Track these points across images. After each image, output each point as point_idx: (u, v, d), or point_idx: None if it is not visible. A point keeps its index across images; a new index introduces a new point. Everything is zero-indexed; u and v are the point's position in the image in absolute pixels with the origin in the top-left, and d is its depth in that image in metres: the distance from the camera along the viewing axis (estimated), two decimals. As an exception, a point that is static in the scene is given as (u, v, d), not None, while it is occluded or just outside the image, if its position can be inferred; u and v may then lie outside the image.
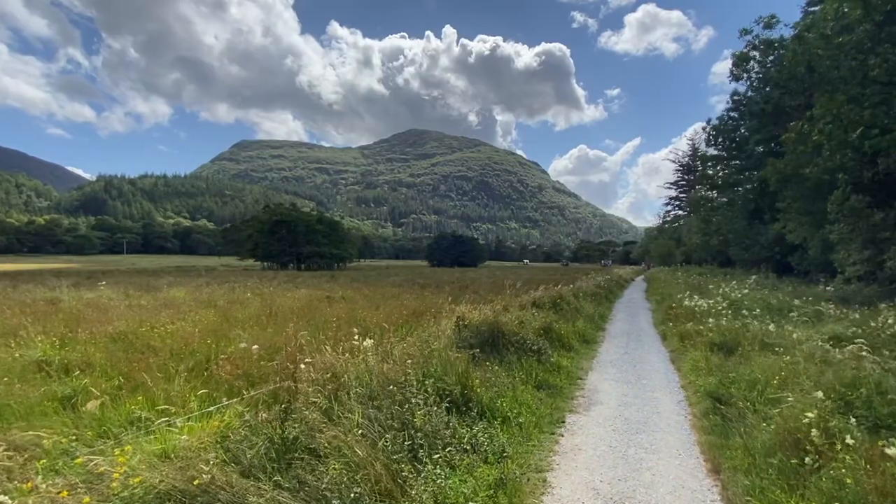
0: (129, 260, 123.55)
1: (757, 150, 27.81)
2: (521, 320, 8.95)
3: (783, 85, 15.09)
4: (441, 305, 12.12)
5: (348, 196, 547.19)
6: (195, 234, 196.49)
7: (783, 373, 4.93)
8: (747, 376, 5.06)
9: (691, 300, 12.80)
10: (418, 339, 6.37)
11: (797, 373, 4.83)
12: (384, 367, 4.52)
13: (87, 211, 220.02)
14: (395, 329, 8.58)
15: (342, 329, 7.31)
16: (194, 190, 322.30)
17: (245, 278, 35.50)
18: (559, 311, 12.46)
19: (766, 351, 6.41)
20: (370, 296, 17.08)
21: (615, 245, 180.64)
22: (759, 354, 6.27)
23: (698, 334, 8.40)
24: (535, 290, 14.95)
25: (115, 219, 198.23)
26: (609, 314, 15.74)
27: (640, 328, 12.62)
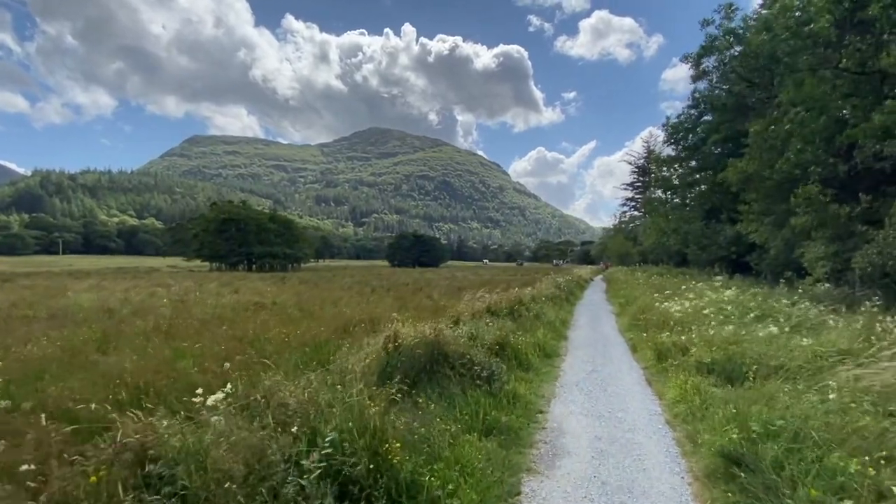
0: (66, 261, 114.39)
1: (714, 151, 27.66)
2: (472, 334, 7.43)
3: (746, 77, 14.36)
4: (382, 315, 10.45)
5: (307, 195, 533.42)
6: (142, 233, 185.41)
7: (827, 418, 3.61)
8: (775, 425, 3.65)
9: (661, 304, 11.71)
10: (327, 375, 4.71)
11: (849, 423, 3.50)
12: (242, 437, 2.85)
13: (20, 208, 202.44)
14: (314, 350, 6.86)
15: (231, 357, 5.54)
16: (142, 187, 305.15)
17: (183, 280, 32.58)
18: (518, 319, 11.06)
19: (779, 378, 5.11)
20: (309, 301, 15.17)
21: (574, 245, 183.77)
22: (772, 383, 4.96)
23: (680, 350, 7.13)
24: (492, 294, 13.53)
25: (52, 217, 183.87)
26: (571, 319, 14.52)
27: (605, 336, 11.39)
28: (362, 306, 13.24)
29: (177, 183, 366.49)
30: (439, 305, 13.45)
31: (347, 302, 14.80)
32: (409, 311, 11.77)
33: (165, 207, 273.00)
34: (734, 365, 5.84)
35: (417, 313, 11.15)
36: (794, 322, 7.68)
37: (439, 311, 11.49)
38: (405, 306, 13.40)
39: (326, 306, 13.44)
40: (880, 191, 13.62)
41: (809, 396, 4.24)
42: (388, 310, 11.84)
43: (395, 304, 14.10)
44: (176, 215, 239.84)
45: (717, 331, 7.41)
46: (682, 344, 7.29)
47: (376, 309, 12.37)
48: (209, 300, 16.03)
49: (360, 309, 12.37)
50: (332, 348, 6.99)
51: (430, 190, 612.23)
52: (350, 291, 21.23)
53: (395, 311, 11.88)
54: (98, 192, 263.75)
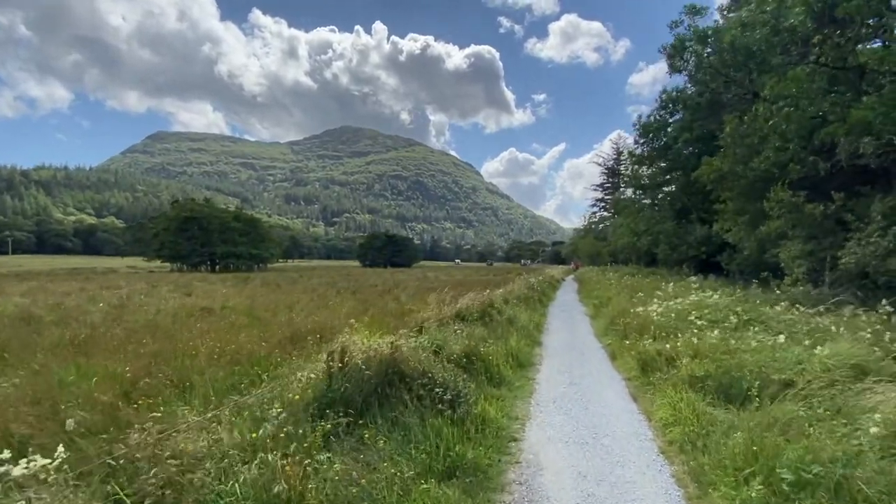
0: (17, 261, 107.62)
1: (685, 151, 27.67)
2: (437, 345, 6.52)
3: (722, 72, 13.99)
4: (340, 322, 9.42)
5: (276, 193, 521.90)
6: (101, 232, 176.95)
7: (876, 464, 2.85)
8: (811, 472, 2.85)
9: (640, 307, 11.08)
10: (241, 412, 3.71)
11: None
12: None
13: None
14: (249, 366, 5.82)
15: (138, 380, 4.47)
16: (101, 184, 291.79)
17: (136, 282, 30.58)
18: (489, 324, 10.23)
19: (789, 397, 4.39)
20: (264, 305, 13.95)
21: (545, 245, 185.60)
22: (784, 405, 4.23)
23: (667, 360, 6.41)
24: (463, 296, 12.68)
25: (3, 215, 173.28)
26: (544, 322, 13.81)
27: (582, 342, 10.69)
28: (321, 311, 12.14)
29: (139, 180, 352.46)
30: (405, 309, 12.50)
31: (305, 306, 13.67)
32: (372, 316, 10.79)
33: (126, 206, 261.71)
34: (732, 379, 5.13)
35: (381, 319, 10.18)
36: (787, 328, 7.09)
37: (405, 316, 10.56)
38: (369, 311, 12.41)
39: (281, 311, 12.29)
40: (854, 190, 13.47)
41: (837, 426, 3.51)
42: (348, 315, 10.82)
43: (358, 309, 13.08)
44: (138, 214, 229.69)
45: (705, 338, 6.73)
46: (668, 353, 6.57)
47: (336, 314, 11.32)
48: (154, 305, 14.59)
49: (318, 314, 11.29)
50: (272, 364, 5.97)
51: (403, 190, 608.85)
52: (313, 294, 20.02)
53: (356, 317, 10.88)
54: (54, 189, 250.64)
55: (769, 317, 8.37)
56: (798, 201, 12.32)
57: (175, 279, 36.62)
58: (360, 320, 10.04)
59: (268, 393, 4.03)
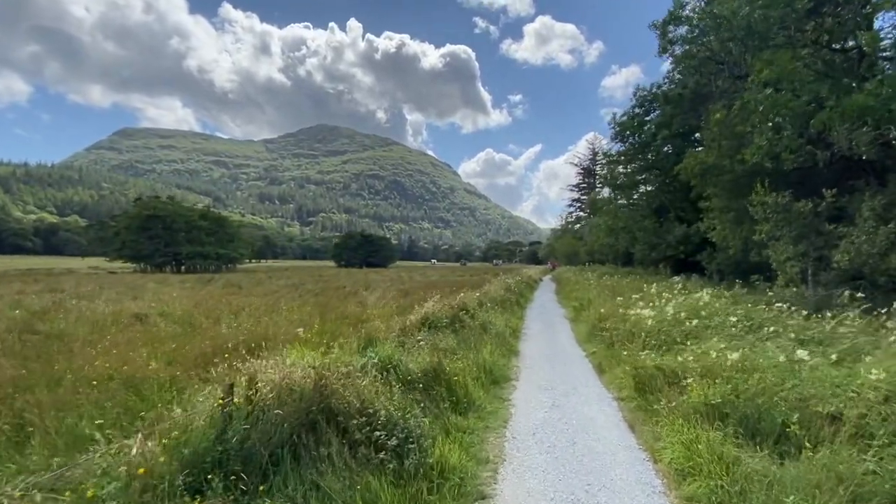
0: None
1: (665, 150, 27.12)
2: (389, 365, 5.26)
3: (716, 52, 12.96)
4: (284, 331, 8.06)
5: (250, 192, 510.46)
6: (63, 231, 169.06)
7: None
8: None
9: (626, 310, 10.04)
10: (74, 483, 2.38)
11: None
12: None
13: None
14: (137, 395, 4.43)
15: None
16: (64, 181, 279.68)
17: (87, 284, 28.34)
18: (460, 332, 9.01)
19: (846, 440, 3.27)
20: (210, 310, 12.39)
21: (522, 245, 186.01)
22: (840, 448, 3.11)
23: (668, 379, 5.29)
24: (435, 298, 11.44)
25: None
26: (522, 327, 12.68)
27: (563, 350, 9.57)
28: (269, 318, 10.71)
29: (105, 178, 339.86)
30: (367, 315, 11.19)
31: (256, 311, 12.18)
32: (325, 323, 9.44)
33: (91, 204, 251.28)
34: (759, 410, 4.01)
35: (334, 327, 8.85)
36: (797, 335, 6.08)
37: (365, 323, 9.25)
38: (326, 316, 11.04)
39: (225, 318, 10.79)
40: (846, 186, 12.79)
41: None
42: (299, 323, 9.44)
43: (315, 313, 11.69)
44: (103, 213, 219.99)
45: (710, 350, 5.66)
46: (669, 369, 5.47)
47: (287, 321, 9.92)
48: (83, 310, 12.85)
49: (265, 322, 9.86)
50: (171, 391, 4.59)
51: (380, 189, 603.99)
52: (272, 297, 18.47)
53: (308, 325, 9.52)
54: (12, 186, 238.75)
55: (769, 321, 7.41)
56: (783, 201, 11.52)
57: (130, 281, 34.30)
58: (310, 329, 8.72)
59: (111, 456, 2.69)
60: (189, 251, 63.59)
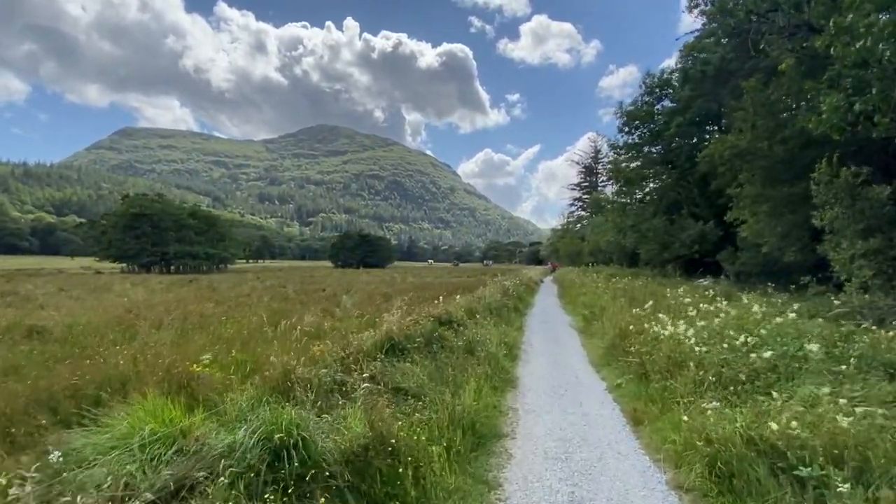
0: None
1: (678, 140, 24.91)
2: (281, 447, 3.03)
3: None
4: (172, 364, 5.80)
5: (250, 192, 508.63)
6: (60, 231, 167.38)
7: None
8: None
9: (646, 320, 7.77)
10: None
11: None
12: None
13: None
14: None
15: None
16: (63, 181, 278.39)
17: (52, 286, 26.25)
18: (438, 356, 6.75)
19: None
20: (133, 323, 10.14)
21: (522, 246, 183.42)
22: None
23: (772, 468, 3.01)
24: (397, 306, 9.20)
25: None
26: (521, 342, 10.41)
27: (576, 379, 7.28)
28: (205, 331, 8.43)
29: (104, 178, 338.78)
30: (332, 326, 8.95)
31: (197, 321, 9.90)
32: (261, 343, 7.20)
33: (90, 204, 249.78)
34: None
35: (266, 349, 6.58)
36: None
37: (321, 340, 7.01)
38: (277, 328, 8.78)
39: (147, 331, 8.51)
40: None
41: None
42: (229, 340, 7.21)
43: (270, 322, 9.43)
44: (101, 213, 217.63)
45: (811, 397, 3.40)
46: (770, 443, 3.21)
47: (214, 338, 7.65)
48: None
49: (193, 338, 7.59)
50: None
51: (380, 190, 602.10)
52: (237, 301, 16.22)
53: (246, 341, 7.26)
54: (10, 186, 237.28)
55: (864, 346, 5.15)
56: (854, 181, 9.24)
57: (106, 282, 32.14)
58: (244, 349, 6.50)
59: None
60: (177, 251, 61.37)
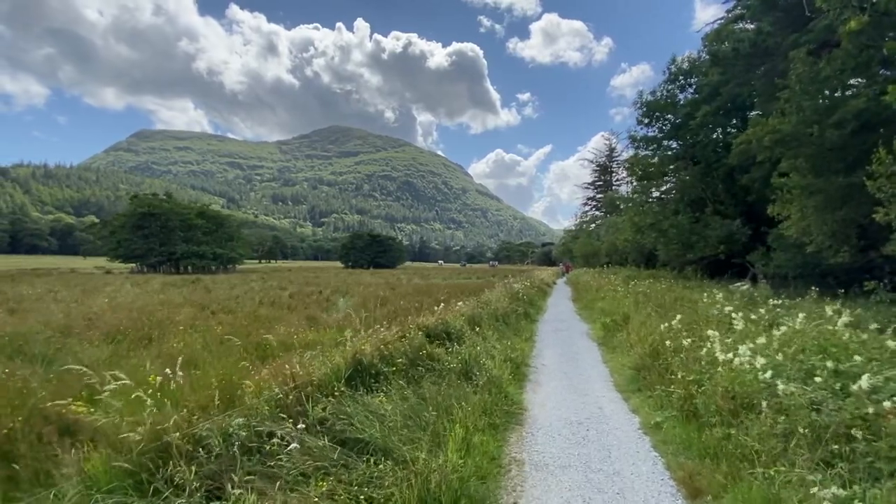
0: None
1: (704, 131, 23.11)
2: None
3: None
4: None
5: (264, 193, 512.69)
6: (78, 231, 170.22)
7: None
8: None
9: (683, 332, 6.21)
10: None
11: None
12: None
13: None
14: None
15: None
16: (82, 183, 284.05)
17: (43, 286, 25.49)
18: (425, 381, 5.29)
19: None
20: (101, 325, 8.88)
21: (534, 246, 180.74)
22: None
23: None
24: (413, 311, 7.77)
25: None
26: (530, 355, 8.89)
27: (601, 412, 5.72)
28: (157, 344, 7.09)
29: (122, 179, 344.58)
30: (301, 340, 7.56)
31: (169, 325, 8.58)
32: (232, 353, 5.82)
33: (108, 205, 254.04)
34: None
35: (221, 369, 5.19)
36: None
37: (272, 360, 5.61)
38: (252, 337, 7.40)
39: (93, 344, 7.20)
40: None
41: None
42: (181, 354, 5.87)
43: (243, 332, 8.08)
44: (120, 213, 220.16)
45: None
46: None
47: (170, 350, 6.29)
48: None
49: (117, 359, 6.24)
50: None
51: (392, 190, 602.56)
52: (233, 303, 14.98)
53: (198, 357, 5.87)
54: (31, 188, 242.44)
55: None
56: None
57: (104, 282, 31.35)
58: (186, 369, 5.13)
59: None
60: (185, 251, 60.75)
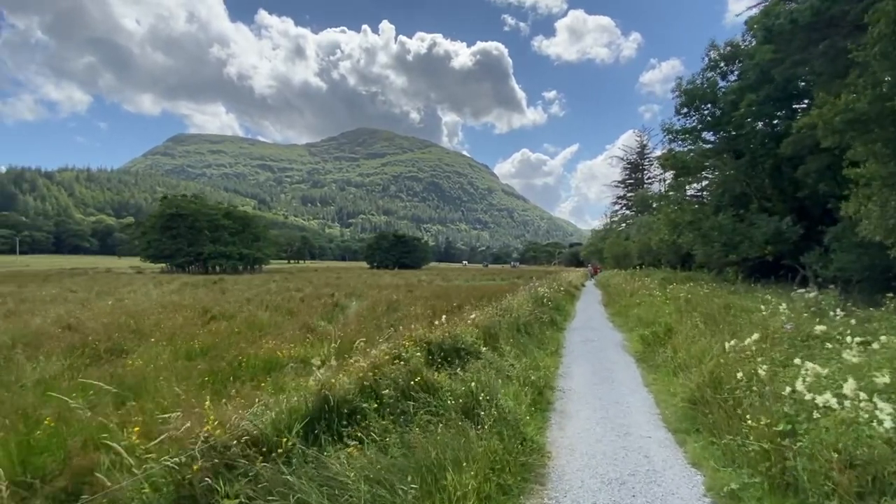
0: (22, 261, 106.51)
1: (749, 121, 21.18)
2: None
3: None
4: None
5: (293, 195, 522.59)
6: (117, 232, 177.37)
7: None
8: None
9: (767, 360, 4.83)
10: None
11: None
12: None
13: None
14: None
15: None
16: (122, 186, 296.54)
17: (57, 285, 25.64)
18: (414, 422, 4.12)
19: None
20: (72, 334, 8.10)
21: (562, 247, 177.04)
22: None
23: None
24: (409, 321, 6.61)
25: (26, 215, 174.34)
26: (555, 376, 7.55)
27: (650, 469, 4.33)
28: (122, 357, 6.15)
29: (158, 181, 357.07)
30: (288, 354, 6.52)
31: (158, 332, 7.71)
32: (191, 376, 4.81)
33: (146, 206, 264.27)
34: None
35: (162, 401, 4.16)
36: None
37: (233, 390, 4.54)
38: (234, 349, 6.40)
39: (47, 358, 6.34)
40: None
41: None
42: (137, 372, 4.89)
43: (227, 342, 7.11)
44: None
45: None
46: None
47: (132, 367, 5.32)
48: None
49: (61, 380, 5.30)
50: None
51: (418, 191, 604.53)
52: (240, 306, 14.19)
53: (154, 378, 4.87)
54: (75, 191, 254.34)
55: None
56: None
57: (125, 282, 31.52)
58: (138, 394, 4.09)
59: None
60: (212, 251, 61.49)
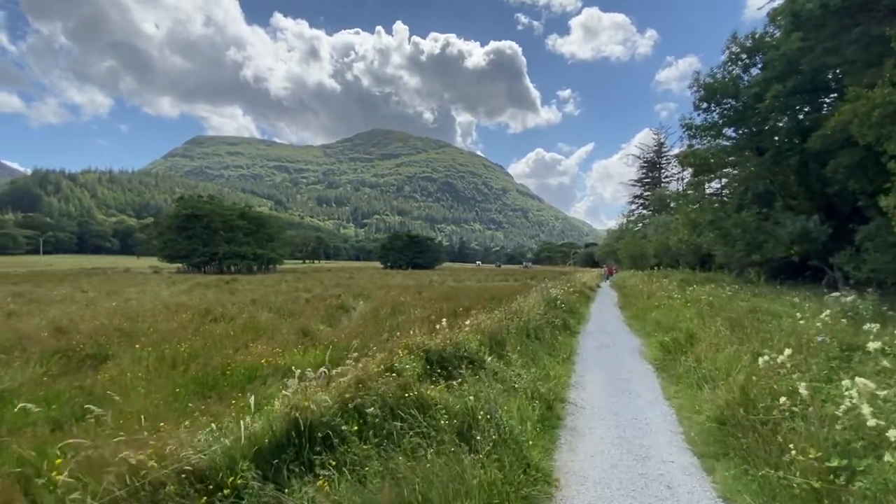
0: (45, 260, 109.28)
1: (773, 115, 20.22)
2: None
3: None
4: None
5: (309, 195, 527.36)
6: (138, 233, 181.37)
7: None
8: None
9: (804, 379, 4.21)
10: None
11: None
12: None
13: (17, 208, 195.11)
14: None
15: None
16: (142, 187, 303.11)
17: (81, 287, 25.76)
18: (399, 446, 3.59)
19: None
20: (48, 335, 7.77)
21: (577, 247, 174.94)
22: None
23: None
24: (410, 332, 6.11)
25: (50, 216, 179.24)
26: (567, 386, 6.95)
27: (675, 499, 3.84)
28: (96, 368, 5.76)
29: (178, 183, 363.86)
30: (278, 363, 6.06)
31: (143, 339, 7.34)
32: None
33: (165, 207, 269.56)
34: None
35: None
36: None
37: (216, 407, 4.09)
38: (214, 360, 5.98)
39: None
40: None
41: None
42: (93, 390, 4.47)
43: (215, 349, 6.70)
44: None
45: None
46: None
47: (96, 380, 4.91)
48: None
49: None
50: None
51: (432, 191, 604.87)
52: (244, 308, 13.90)
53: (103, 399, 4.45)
54: (97, 192, 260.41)
55: None
56: None
57: (139, 282, 31.70)
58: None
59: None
60: (226, 251, 61.90)
